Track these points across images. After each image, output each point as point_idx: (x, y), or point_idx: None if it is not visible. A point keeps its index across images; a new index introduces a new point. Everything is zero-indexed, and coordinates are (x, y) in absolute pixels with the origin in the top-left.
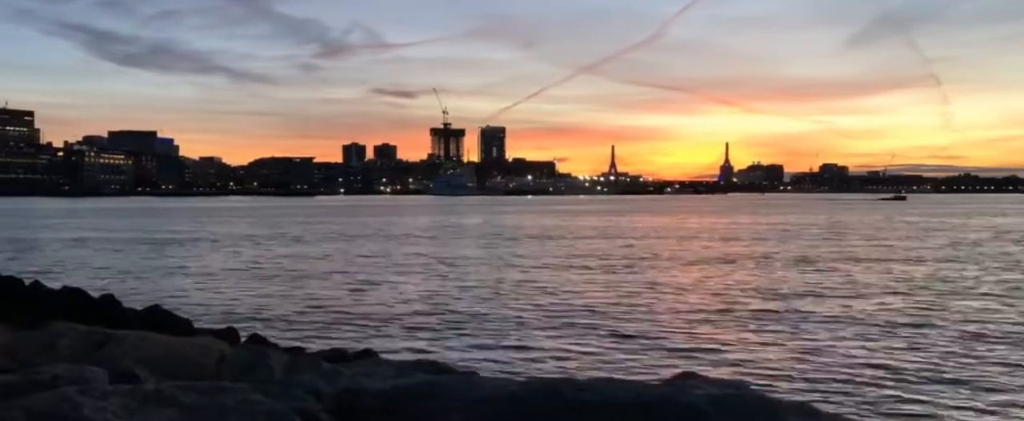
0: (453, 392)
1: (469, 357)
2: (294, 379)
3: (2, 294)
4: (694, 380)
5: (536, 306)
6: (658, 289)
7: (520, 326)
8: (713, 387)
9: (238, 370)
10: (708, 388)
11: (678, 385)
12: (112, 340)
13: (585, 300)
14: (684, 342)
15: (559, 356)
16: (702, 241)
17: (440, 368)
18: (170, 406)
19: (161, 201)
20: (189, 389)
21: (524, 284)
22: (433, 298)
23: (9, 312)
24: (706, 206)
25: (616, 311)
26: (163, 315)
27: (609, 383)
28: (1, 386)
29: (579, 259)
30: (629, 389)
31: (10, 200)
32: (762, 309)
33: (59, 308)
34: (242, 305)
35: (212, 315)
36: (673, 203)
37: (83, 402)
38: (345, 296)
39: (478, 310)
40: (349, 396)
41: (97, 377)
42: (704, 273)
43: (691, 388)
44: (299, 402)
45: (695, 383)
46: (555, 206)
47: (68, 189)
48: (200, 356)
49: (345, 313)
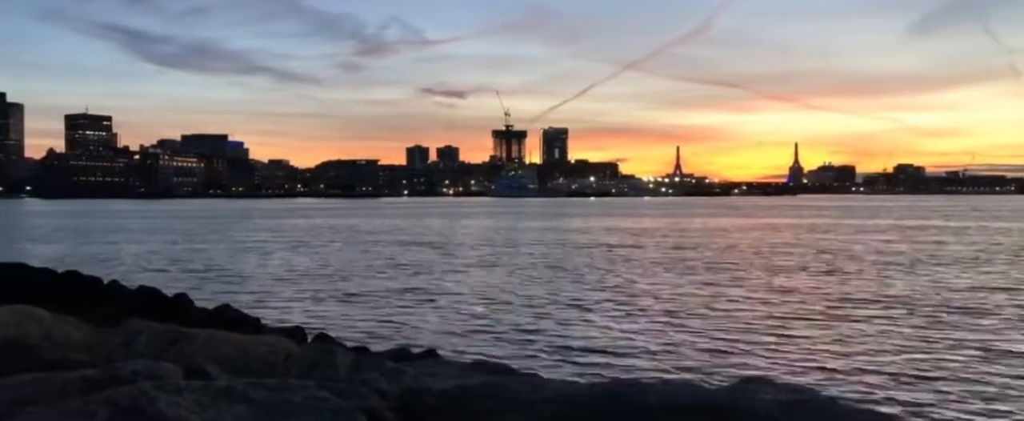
0: (514, 393)
1: (531, 359)
2: (359, 377)
3: (84, 293)
4: (761, 384)
5: (602, 308)
6: (737, 292)
7: (584, 328)
8: (780, 392)
9: (305, 368)
10: (775, 393)
11: (744, 389)
12: (185, 338)
13: (653, 302)
14: (753, 345)
15: (622, 358)
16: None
17: (502, 369)
18: (240, 402)
19: (232, 202)
20: (258, 386)
21: (589, 286)
22: (497, 299)
23: (90, 310)
24: (794, 209)
25: (686, 313)
26: (233, 314)
27: (672, 386)
28: (83, 380)
29: (647, 260)
30: (692, 392)
31: (90, 202)
32: (843, 314)
33: (136, 306)
34: (309, 304)
35: (280, 314)
36: (747, 205)
37: (159, 397)
38: (410, 296)
39: (541, 312)
40: (412, 395)
41: (171, 373)
42: (788, 278)
43: (757, 393)
44: (364, 400)
45: (761, 387)
46: (620, 208)
47: (143, 191)
48: (268, 354)
49: (409, 313)
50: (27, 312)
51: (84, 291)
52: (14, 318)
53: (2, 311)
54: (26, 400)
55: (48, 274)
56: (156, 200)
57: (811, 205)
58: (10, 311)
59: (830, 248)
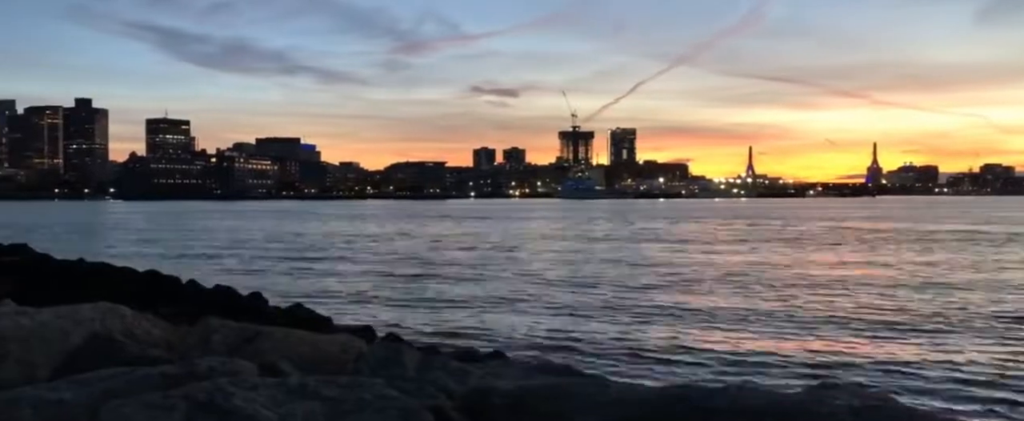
0: (581, 395)
1: (598, 361)
2: (426, 376)
3: (163, 292)
4: (835, 390)
5: (669, 310)
6: (812, 295)
7: (654, 331)
8: (855, 397)
9: (374, 366)
10: (849, 398)
11: (817, 394)
12: (260, 336)
13: (725, 304)
14: (829, 350)
15: (691, 361)
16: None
17: (568, 371)
18: (313, 399)
19: (306, 204)
20: (330, 383)
21: (660, 288)
22: (565, 301)
23: (169, 308)
24: (893, 212)
25: (757, 316)
26: (305, 313)
27: (742, 390)
28: (163, 375)
29: (720, 262)
30: (763, 396)
31: (169, 203)
32: (924, 320)
33: (212, 305)
34: (379, 304)
35: (350, 313)
36: (833, 206)
37: (235, 393)
38: (478, 298)
39: (609, 314)
40: (478, 395)
41: (247, 370)
42: (871, 283)
43: (830, 398)
44: (431, 399)
45: (835, 393)
46: (694, 211)
47: (219, 193)
48: (339, 352)
49: (477, 314)
50: (111, 309)
51: (164, 290)
52: (99, 315)
53: (87, 308)
54: (111, 393)
55: (130, 273)
56: (232, 201)
57: (912, 207)
58: (94, 308)
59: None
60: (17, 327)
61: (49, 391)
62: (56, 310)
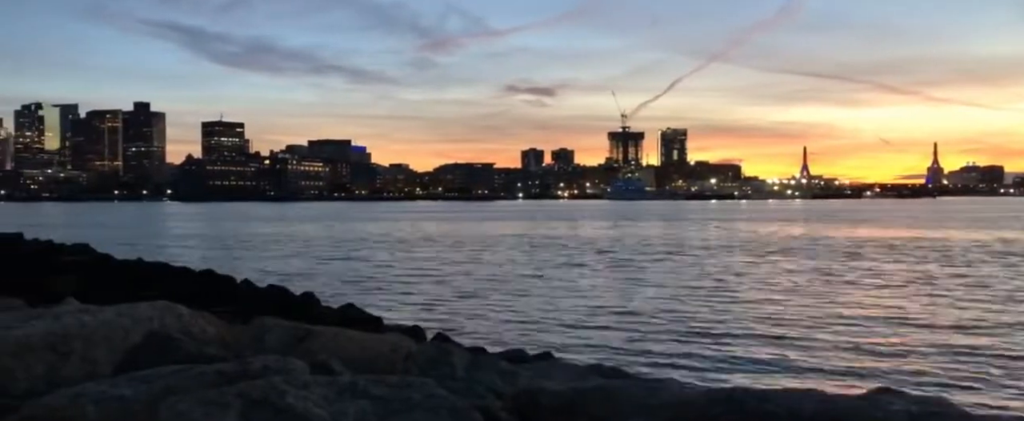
0: (630, 397)
1: (649, 363)
2: (475, 377)
3: (219, 291)
4: (891, 395)
5: (720, 313)
6: (879, 300)
7: (704, 333)
8: (912, 403)
9: (423, 366)
10: (906, 404)
11: (872, 400)
12: (311, 335)
13: (777, 307)
14: (887, 355)
15: (744, 365)
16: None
17: (618, 373)
18: (363, 397)
19: (356, 205)
20: (380, 382)
21: (710, 290)
22: (616, 302)
23: (224, 307)
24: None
25: (813, 319)
26: (356, 313)
27: (795, 394)
28: (218, 373)
29: (777, 264)
30: (817, 401)
31: (225, 205)
32: (981, 324)
33: (266, 304)
34: (429, 305)
35: (400, 314)
36: (896, 209)
37: (288, 390)
38: (527, 299)
39: (660, 316)
40: (527, 396)
41: (299, 368)
42: (926, 287)
43: (886, 404)
44: (480, 400)
45: (892, 398)
46: (751, 215)
47: (273, 194)
48: (389, 352)
49: (526, 316)
50: (168, 308)
51: (219, 289)
52: (157, 313)
53: (145, 307)
54: (169, 390)
55: (187, 273)
56: (285, 203)
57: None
58: (152, 306)
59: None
60: (80, 325)
61: (110, 387)
62: (117, 308)
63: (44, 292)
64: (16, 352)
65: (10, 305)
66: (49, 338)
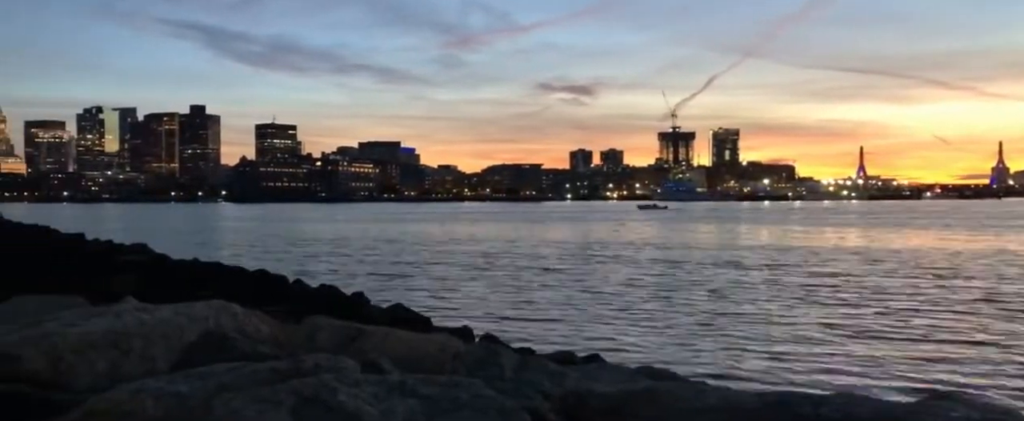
0: (678, 399)
1: (699, 366)
2: (523, 378)
3: (272, 290)
4: (951, 401)
5: (777, 316)
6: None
7: (757, 337)
8: (974, 410)
9: (471, 366)
10: (966, 411)
11: (930, 406)
12: (362, 335)
13: (833, 309)
14: (952, 361)
15: (798, 368)
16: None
17: (667, 375)
18: (412, 396)
19: (406, 206)
20: (428, 382)
21: (760, 291)
22: (665, 304)
23: (277, 306)
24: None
25: (870, 322)
26: (405, 313)
27: (850, 399)
28: (272, 371)
29: (832, 266)
30: (873, 406)
31: (278, 206)
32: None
33: (317, 303)
34: (478, 305)
35: (449, 314)
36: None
37: (339, 389)
38: (577, 301)
39: (712, 319)
40: (575, 397)
41: (350, 367)
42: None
43: (945, 410)
44: (528, 400)
45: (951, 404)
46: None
47: (324, 195)
48: (437, 352)
49: (576, 317)
50: (223, 307)
51: (272, 288)
52: (212, 312)
53: (201, 306)
54: (224, 387)
55: (241, 272)
56: (335, 204)
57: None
58: (208, 305)
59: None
60: (139, 323)
61: (168, 384)
62: (174, 307)
63: (105, 290)
64: (79, 349)
65: (74, 303)
66: (110, 336)
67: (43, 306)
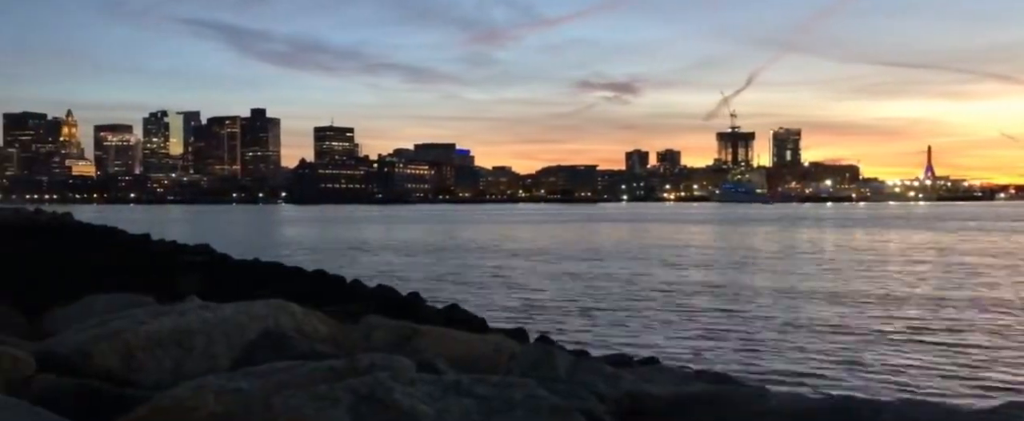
0: (736, 403)
1: (757, 370)
2: (578, 379)
3: (330, 290)
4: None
5: (839, 320)
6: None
7: (818, 340)
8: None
9: (526, 367)
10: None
11: (1000, 414)
12: (417, 334)
13: (903, 312)
14: None
15: (859, 373)
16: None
17: (724, 379)
18: (467, 396)
19: (461, 208)
20: (483, 382)
21: (828, 294)
22: (723, 307)
23: (334, 306)
24: None
25: (944, 326)
26: (460, 314)
27: (913, 405)
28: (329, 369)
29: (903, 268)
30: (937, 413)
31: (336, 207)
32: None
33: (374, 304)
34: (533, 307)
35: (504, 315)
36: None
37: (394, 387)
38: (635, 303)
39: (772, 322)
40: (630, 399)
41: (405, 366)
42: None
43: (1018, 418)
44: (583, 402)
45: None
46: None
47: (381, 197)
48: (492, 353)
49: (633, 320)
50: (282, 306)
51: (330, 288)
52: (272, 311)
53: (261, 305)
54: (283, 385)
55: (299, 272)
56: (392, 205)
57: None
58: (267, 305)
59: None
60: (202, 322)
61: (229, 380)
62: (235, 306)
63: (170, 290)
64: (146, 346)
65: (141, 302)
66: (175, 334)
67: (112, 305)
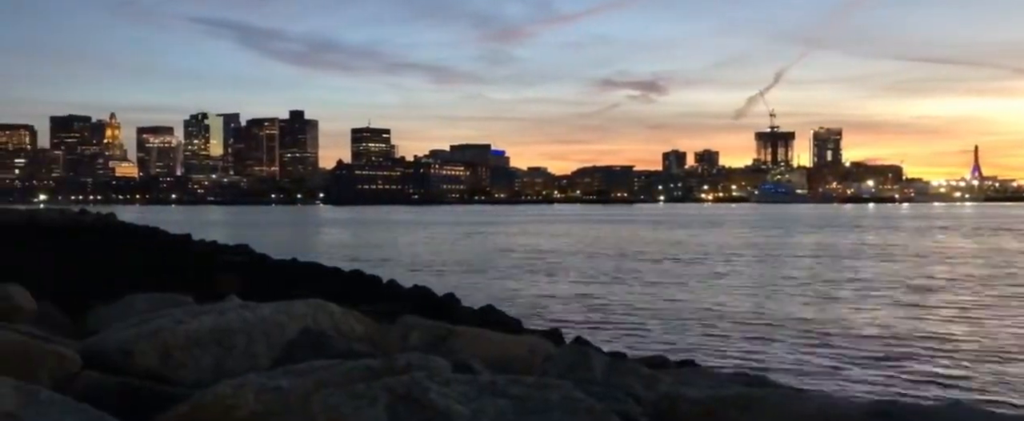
0: (775, 406)
1: (798, 373)
2: (614, 381)
3: (367, 290)
4: None
5: (883, 322)
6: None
7: (860, 343)
8: None
9: (561, 369)
10: None
11: None
12: (453, 335)
13: (945, 314)
14: None
15: (903, 378)
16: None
17: (762, 382)
18: (502, 397)
19: (497, 209)
20: (518, 382)
21: (871, 300)
22: (761, 309)
23: (371, 305)
24: None
25: (987, 330)
26: (495, 315)
27: (960, 410)
28: (366, 368)
29: (948, 271)
30: (980, 418)
31: (372, 208)
32: None
33: (410, 304)
34: (569, 308)
35: (540, 316)
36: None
37: (430, 387)
38: (671, 306)
39: (811, 324)
40: (667, 401)
41: (441, 366)
42: None
43: None
44: (619, 404)
45: None
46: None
47: (417, 198)
48: (527, 354)
49: (671, 322)
50: (320, 306)
51: (367, 288)
52: (310, 311)
53: (300, 305)
54: (322, 383)
55: (337, 272)
56: (427, 206)
57: None
58: (306, 304)
59: None
60: (242, 321)
61: (269, 379)
62: (274, 306)
63: (210, 289)
64: (186, 345)
65: (181, 301)
66: (215, 333)
67: (152, 304)
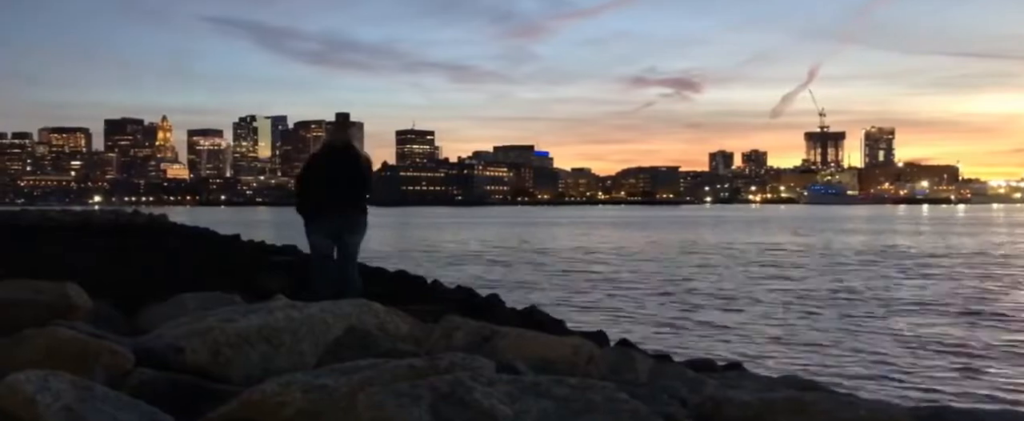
0: (824, 410)
1: (847, 377)
2: (659, 383)
3: (411, 290)
4: None
5: (938, 325)
6: None
7: (914, 347)
8: None
9: (605, 370)
10: None
11: None
12: (497, 335)
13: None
14: None
15: (957, 382)
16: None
17: (813, 386)
18: (545, 397)
19: (541, 210)
20: (562, 383)
21: (925, 304)
22: (812, 311)
23: (415, 305)
24: None
25: None
26: (539, 315)
27: (1009, 415)
28: (410, 367)
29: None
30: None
31: (416, 209)
32: None
33: (454, 304)
34: (614, 309)
35: (584, 317)
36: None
37: (474, 387)
38: (721, 309)
39: (864, 327)
40: (713, 405)
41: (485, 366)
42: None
43: None
44: (663, 406)
45: None
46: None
47: (460, 199)
48: (571, 355)
49: (719, 326)
50: (365, 305)
51: (411, 288)
52: (355, 310)
53: (345, 304)
54: (367, 382)
55: (381, 272)
56: (471, 207)
57: None
58: (352, 304)
59: None
60: (289, 320)
61: (315, 377)
62: (320, 305)
63: (258, 289)
64: (235, 343)
65: (231, 300)
66: (263, 331)
67: (202, 303)
